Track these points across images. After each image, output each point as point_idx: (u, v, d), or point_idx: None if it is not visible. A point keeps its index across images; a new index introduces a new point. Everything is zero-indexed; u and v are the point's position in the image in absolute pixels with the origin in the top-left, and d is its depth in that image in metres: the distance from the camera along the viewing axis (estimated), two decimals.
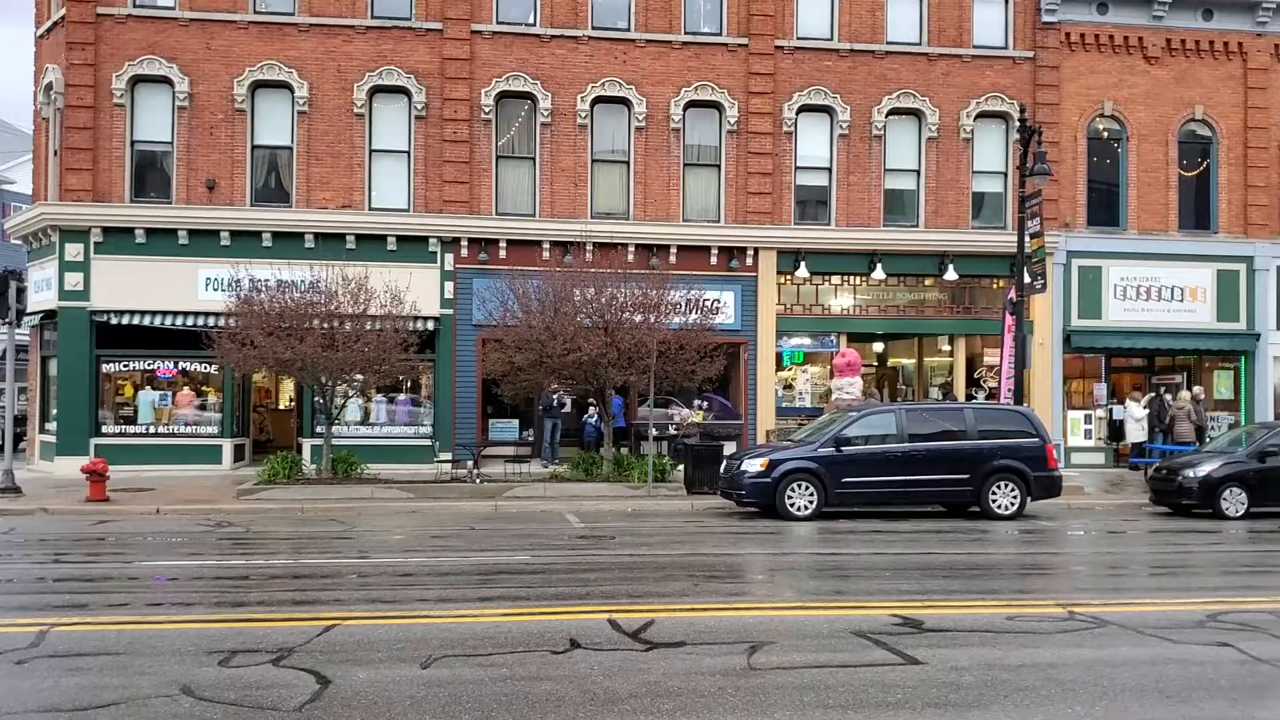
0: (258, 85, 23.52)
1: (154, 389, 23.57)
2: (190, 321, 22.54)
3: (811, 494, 17.08)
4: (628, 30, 24.49)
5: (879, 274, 24.83)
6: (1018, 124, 22.76)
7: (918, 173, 25.27)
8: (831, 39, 25.02)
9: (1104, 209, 26.00)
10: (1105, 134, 26.04)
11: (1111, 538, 16.02)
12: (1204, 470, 18.49)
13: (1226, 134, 26.16)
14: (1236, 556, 14.26)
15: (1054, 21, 25.47)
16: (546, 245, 23.69)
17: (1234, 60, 26.19)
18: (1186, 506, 18.55)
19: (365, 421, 23.73)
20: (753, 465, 17.41)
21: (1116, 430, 25.90)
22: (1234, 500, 18.22)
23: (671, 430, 23.73)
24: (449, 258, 23.79)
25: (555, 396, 22.91)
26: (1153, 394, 25.51)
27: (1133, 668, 7.46)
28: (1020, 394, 22.11)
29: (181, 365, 23.55)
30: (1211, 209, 26.25)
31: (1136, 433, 24.19)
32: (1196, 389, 25.99)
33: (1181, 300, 25.90)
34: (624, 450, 22.60)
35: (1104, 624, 8.92)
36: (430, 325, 23.36)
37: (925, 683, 7.05)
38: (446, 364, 23.70)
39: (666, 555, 13.05)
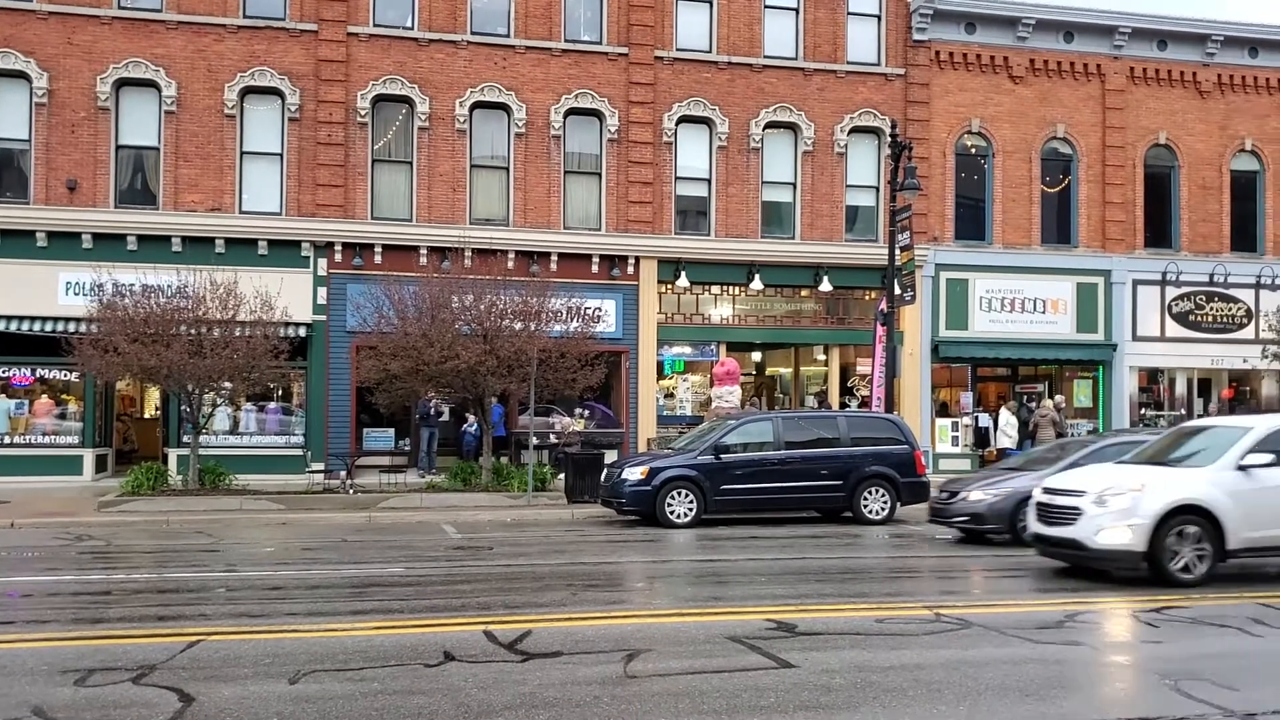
0: (123, 83, 22.67)
1: (9, 397, 22.47)
2: (49, 327, 21.56)
3: (691, 501, 17.19)
4: (508, 36, 24.38)
5: (757, 284, 25.19)
6: (889, 139, 23.38)
7: (794, 185, 25.75)
8: (710, 51, 25.32)
9: (971, 223, 26.87)
10: (973, 150, 26.93)
11: (976, 541, 16.47)
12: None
13: (1086, 152, 27.31)
14: None
15: (924, 40, 26.27)
16: (424, 251, 23.38)
17: (1093, 81, 27.37)
18: None
19: (234, 431, 23.04)
20: (633, 473, 17.43)
21: (982, 437, 26.78)
22: None
23: (552, 439, 23.65)
24: (322, 263, 23.29)
25: (432, 405, 22.61)
26: (1016, 403, 26.47)
27: (995, 667, 7.68)
28: (891, 402, 22.67)
29: (39, 372, 22.53)
30: (1072, 224, 27.37)
31: (1005, 440, 25.03)
32: (1058, 397, 27.06)
33: (1044, 312, 26.92)
34: (504, 459, 22.42)
35: (969, 625, 9.17)
36: (303, 332, 22.83)
37: (798, 686, 7.14)
38: (319, 372, 23.17)
39: (545, 565, 12.98)
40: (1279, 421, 12.12)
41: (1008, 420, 25.29)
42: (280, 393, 23.69)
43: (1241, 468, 11.47)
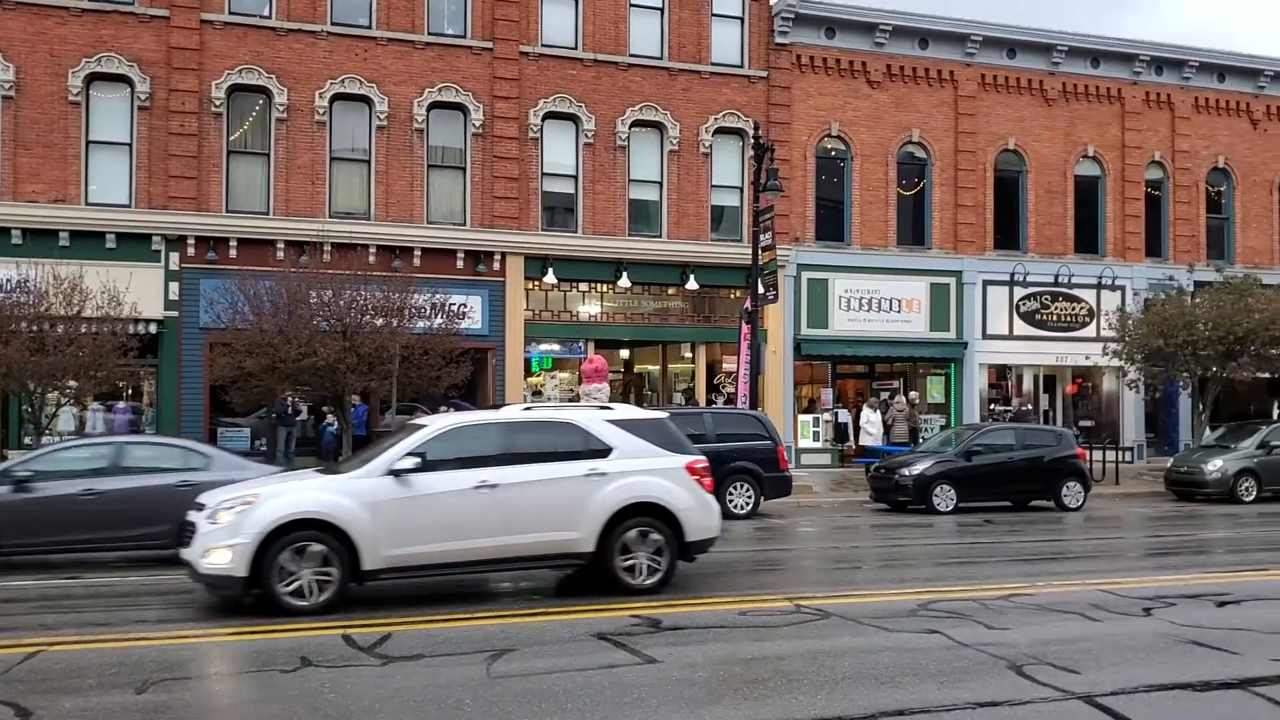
0: None
1: None
2: None
3: None
4: (369, 28, 23.88)
5: (625, 282, 25.28)
6: (752, 141, 23.74)
7: (661, 184, 25.92)
8: (576, 48, 25.29)
9: (831, 225, 27.50)
10: (833, 153, 27.56)
11: (836, 533, 16.93)
12: (918, 469, 19.88)
13: (939, 156, 28.23)
14: (946, 549, 15.37)
15: (786, 43, 26.75)
16: (281, 245, 22.72)
17: (946, 87, 28.31)
18: (903, 503, 19.87)
19: (80, 432, 21.97)
20: None
21: (842, 432, 27.47)
22: (944, 496, 19.67)
23: None
24: (174, 257, 22.43)
25: (290, 404, 22.00)
26: (876, 399, 27.22)
27: (853, 657, 7.87)
28: (755, 399, 23.03)
29: None
30: (926, 226, 28.26)
31: (868, 438, 25.63)
32: (913, 394, 27.94)
33: (899, 311, 27.73)
34: None
35: (828, 616, 9.39)
36: (153, 328, 21.94)
37: (662, 681, 7.19)
38: (171, 369, 22.31)
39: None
40: (451, 422, 10.80)
41: (868, 418, 25.93)
42: (130, 392, 22.72)
43: (395, 473, 9.84)
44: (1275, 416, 28.47)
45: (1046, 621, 9.26)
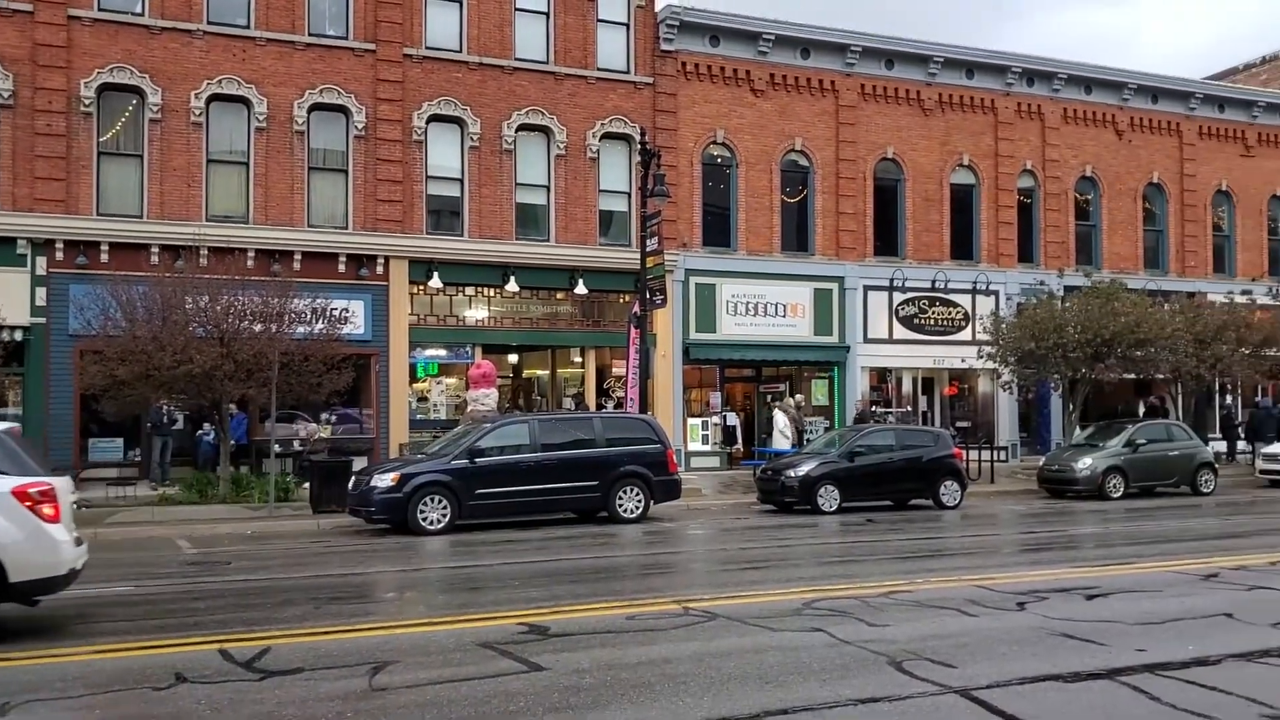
0: None
1: None
2: None
3: (445, 507, 16.95)
4: (248, 27, 23.30)
5: (513, 286, 25.13)
6: (639, 146, 23.84)
7: (548, 188, 25.85)
8: (461, 51, 25.07)
9: (718, 230, 27.79)
10: (719, 160, 27.86)
11: (724, 535, 17.08)
12: (803, 470, 20.21)
13: (821, 165, 28.77)
14: (829, 548, 15.64)
15: (672, 50, 26.96)
16: (155, 249, 22.00)
17: (828, 97, 28.86)
18: (789, 504, 20.17)
19: None
20: (383, 480, 17.01)
21: (730, 435, 27.75)
22: (829, 496, 20.02)
23: (297, 446, 22.78)
24: (42, 261, 21.52)
25: (165, 412, 21.29)
26: (781, 400, 27.48)
27: (738, 657, 7.94)
28: (645, 403, 23.12)
29: None
30: (809, 233, 28.76)
31: (783, 441, 25.67)
32: (798, 396, 28.39)
33: (784, 316, 28.16)
34: (244, 469, 21.40)
35: (714, 617, 9.46)
36: (19, 335, 21.02)
37: (548, 688, 7.14)
38: (38, 378, 21.38)
39: (288, 578, 12.46)
40: None
41: (784, 423, 25.91)
42: None
43: None
44: (1140, 416, 29.69)
45: (925, 618, 9.48)
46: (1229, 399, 33.09)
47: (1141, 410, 30.85)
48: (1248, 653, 7.98)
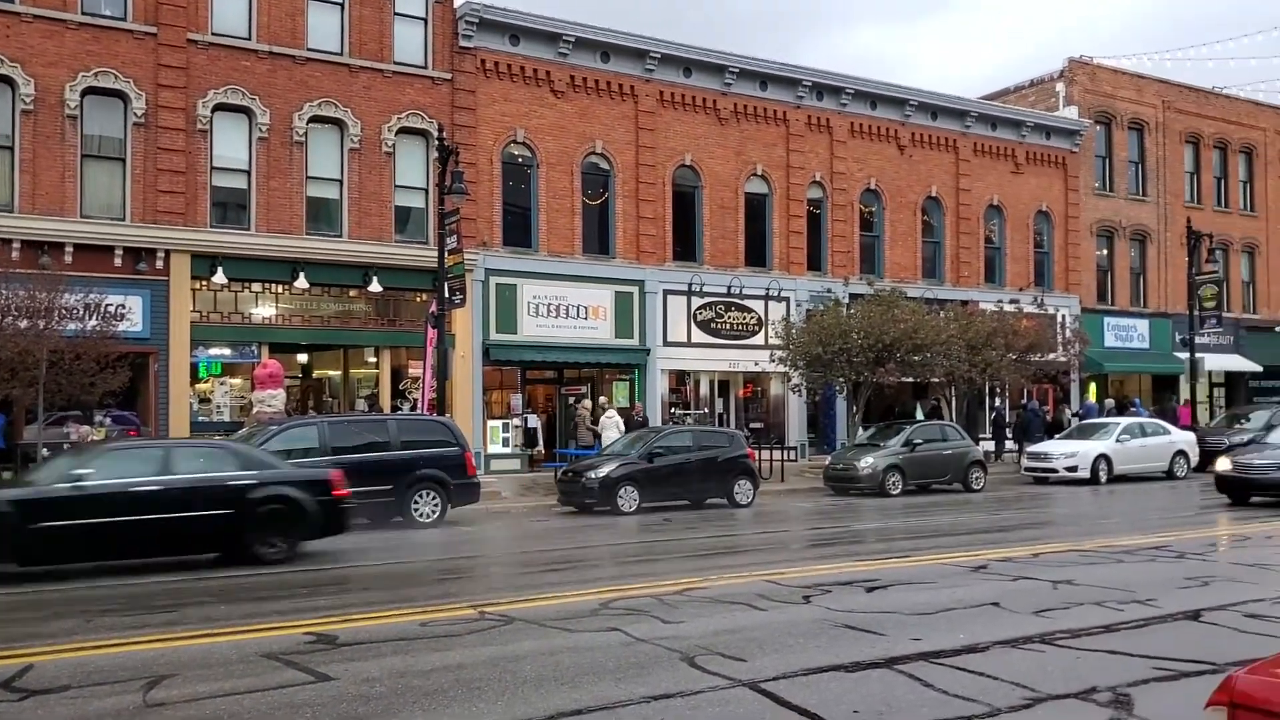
0: None
1: None
2: None
3: None
4: (12, 2, 21.69)
5: (303, 283, 24.28)
6: (437, 143, 23.47)
7: (341, 183, 25.12)
8: (250, 39, 24.06)
9: (519, 230, 27.67)
10: (519, 160, 27.75)
11: (524, 538, 17.02)
12: (603, 471, 20.35)
13: (621, 168, 29.07)
14: (628, 548, 15.80)
15: (471, 47, 26.67)
16: None
17: (627, 101, 29.19)
18: (589, 505, 20.27)
19: None
20: None
21: (531, 437, 27.67)
22: (628, 497, 20.24)
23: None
24: None
25: None
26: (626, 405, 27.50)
27: (534, 660, 7.90)
28: (442, 405, 22.77)
29: None
30: (610, 236, 29.01)
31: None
32: (601, 399, 28.57)
33: (586, 318, 28.30)
34: (7, 474, 19.86)
35: (511, 621, 9.39)
36: None
37: (336, 698, 6.92)
38: None
39: (55, 590, 11.63)
40: None
41: (617, 422, 25.77)
42: None
43: None
44: (918, 417, 31.29)
45: (717, 613, 9.69)
46: (998, 401, 35.29)
47: (919, 412, 32.51)
48: (1013, 639, 8.51)
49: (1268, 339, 42.22)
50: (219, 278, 23.41)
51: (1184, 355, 35.05)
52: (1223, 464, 21.18)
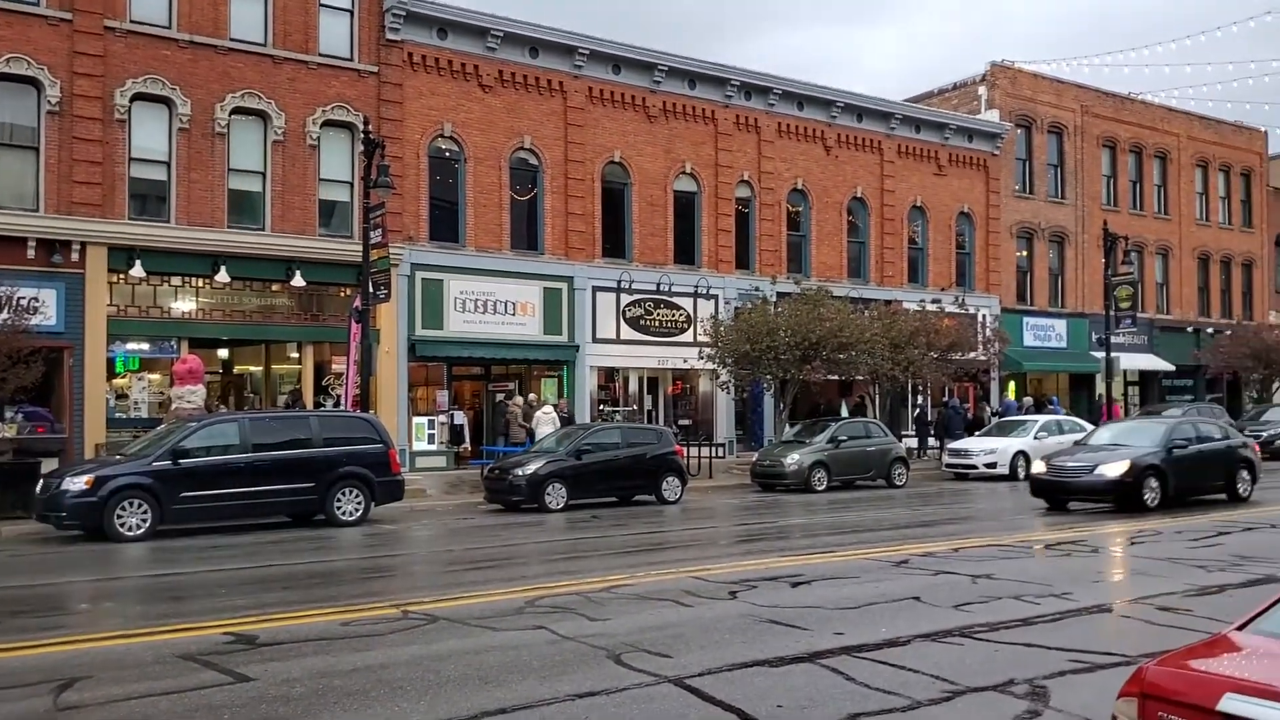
0: None
1: None
2: None
3: (146, 512, 15.88)
4: None
5: (224, 277, 23.80)
6: (363, 136, 23.14)
7: (264, 175, 24.65)
8: (170, 27, 23.49)
9: (446, 225, 27.42)
10: (446, 154, 27.50)
11: (449, 536, 16.88)
12: (531, 469, 20.27)
13: (550, 164, 28.95)
14: (555, 545, 15.76)
15: (397, 40, 26.36)
16: None
17: (556, 97, 29.08)
18: (516, 502, 20.17)
19: None
20: (75, 484, 15.73)
21: (458, 434, 27.46)
22: (556, 494, 20.19)
23: None
24: None
25: None
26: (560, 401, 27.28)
27: (458, 659, 7.84)
28: (366, 401, 22.47)
29: None
30: (539, 232, 28.89)
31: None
32: (531, 395, 28.44)
33: (514, 314, 28.15)
34: None
35: (435, 620, 9.31)
36: None
37: (256, 699, 6.81)
38: None
39: None
40: None
41: (554, 418, 25.59)
42: None
43: None
44: (843, 414, 31.66)
45: (644, 610, 9.71)
46: (921, 399, 35.86)
47: (844, 409, 32.91)
48: (933, 633, 8.65)
49: (1180, 339, 43.53)
50: (137, 271, 22.84)
51: (1100, 354, 35.93)
52: (1038, 466, 20.26)
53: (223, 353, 26.95)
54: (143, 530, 15.76)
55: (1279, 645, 4.28)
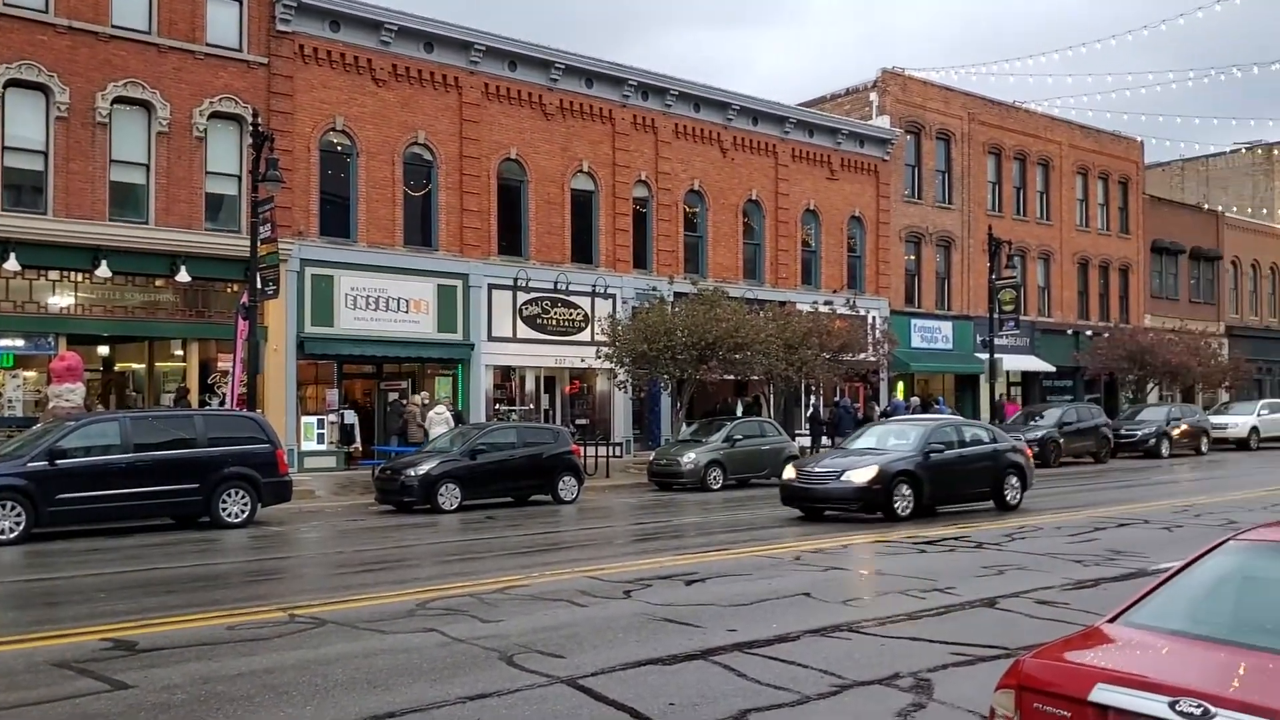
0: None
1: None
2: None
3: (19, 514, 15.24)
4: None
5: (105, 271, 22.98)
6: (251, 128, 22.58)
7: (148, 167, 23.88)
8: (48, 12, 22.60)
9: (337, 220, 26.90)
10: (338, 148, 26.99)
11: (339, 538, 16.57)
12: (424, 469, 20.00)
13: (445, 160, 28.64)
14: (448, 546, 15.58)
15: (289, 32, 25.79)
16: None
17: (451, 92, 28.78)
18: (409, 503, 19.88)
19: None
20: None
21: (348, 434, 26.97)
22: (449, 495, 19.94)
23: None
24: None
25: None
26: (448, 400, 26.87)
27: (346, 663, 7.70)
28: (254, 400, 21.93)
29: None
30: (433, 228, 28.55)
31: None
32: (424, 394, 28.07)
33: (407, 311, 27.78)
34: None
35: (323, 623, 9.13)
36: None
37: (134, 707, 6.59)
38: None
39: None
40: None
41: (447, 418, 25.18)
42: None
43: None
44: (738, 414, 31.98)
45: (538, 610, 9.67)
46: (813, 399, 36.42)
47: (739, 408, 33.25)
48: (822, 628, 8.80)
49: (1060, 341, 45.06)
50: (12, 264, 21.91)
51: (984, 356, 36.95)
52: (788, 472, 18.91)
53: (103, 350, 26.08)
54: (16, 534, 15.12)
55: (1148, 636, 4.44)
